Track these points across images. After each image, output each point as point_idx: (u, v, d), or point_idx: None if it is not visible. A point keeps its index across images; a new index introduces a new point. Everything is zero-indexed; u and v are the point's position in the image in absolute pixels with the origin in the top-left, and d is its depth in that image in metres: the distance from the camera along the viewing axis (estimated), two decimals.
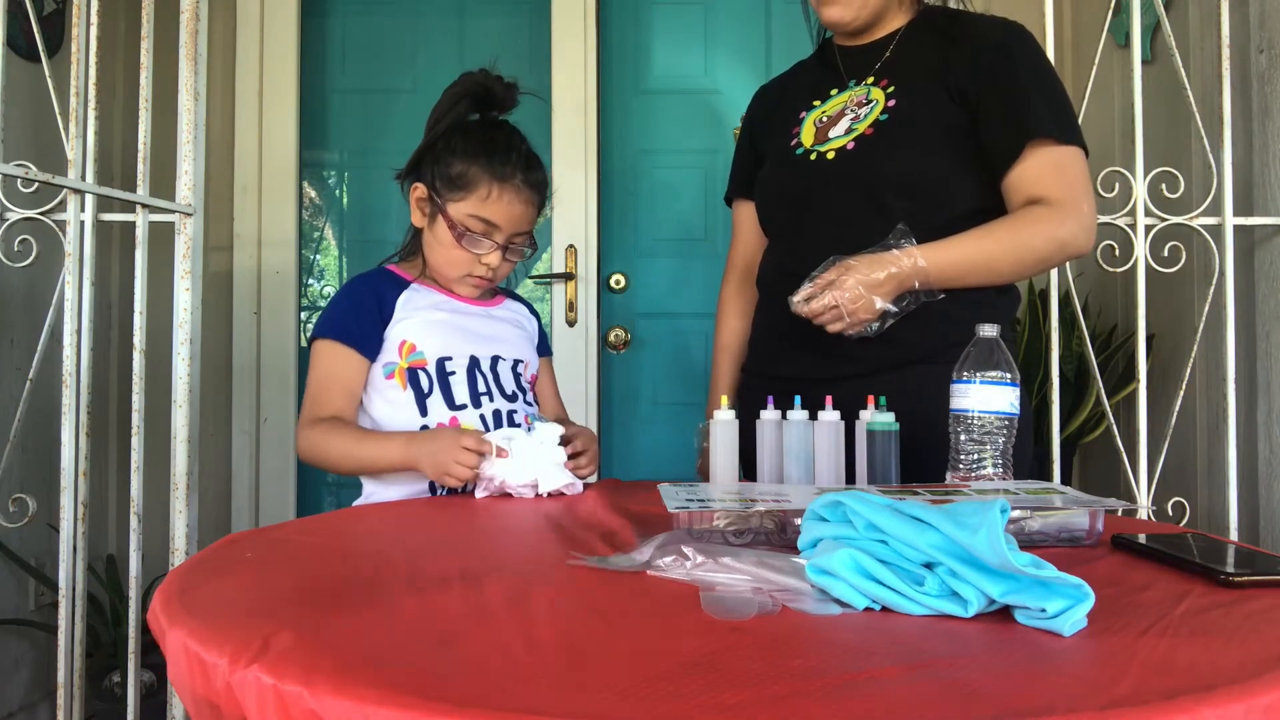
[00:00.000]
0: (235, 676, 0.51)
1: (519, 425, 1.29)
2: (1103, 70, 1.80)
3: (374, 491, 1.31)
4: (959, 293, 1.22)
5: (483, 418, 1.29)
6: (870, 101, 1.33)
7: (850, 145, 1.31)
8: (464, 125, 1.32)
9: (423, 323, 1.31)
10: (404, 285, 1.33)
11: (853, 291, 1.12)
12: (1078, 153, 1.26)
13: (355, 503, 1.31)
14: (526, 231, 1.33)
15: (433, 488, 1.27)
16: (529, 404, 1.36)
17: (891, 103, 1.31)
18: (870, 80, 1.35)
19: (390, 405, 1.29)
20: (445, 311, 1.33)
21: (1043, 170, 1.24)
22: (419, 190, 1.32)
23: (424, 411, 1.28)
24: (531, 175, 1.30)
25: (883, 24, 1.37)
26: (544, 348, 1.49)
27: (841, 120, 1.35)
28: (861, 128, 1.31)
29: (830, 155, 1.33)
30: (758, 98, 1.56)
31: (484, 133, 1.31)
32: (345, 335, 1.28)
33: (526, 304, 1.49)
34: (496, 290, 1.45)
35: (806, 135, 1.39)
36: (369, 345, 1.29)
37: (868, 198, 1.28)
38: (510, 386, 1.34)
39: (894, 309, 1.15)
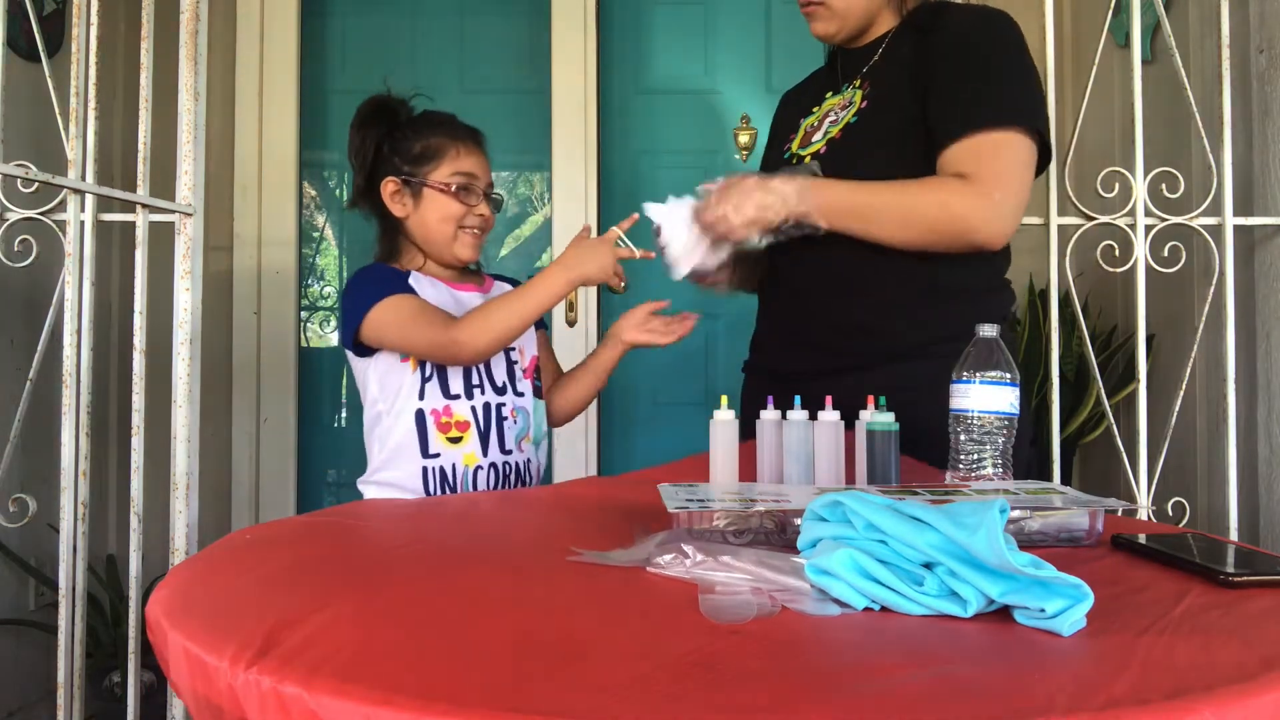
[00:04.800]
0: (236, 678, 0.51)
1: (505, 419, 1.36)
2: (1103, 70, 1.80)
3: (373, 491, 1.34)
4: (941, 286, 1.24)
5: (474, 409, 1.34)
6: (850, 104, 1.34)
7: (823, 150, 1.32)
8: (401, 123, 1.40)
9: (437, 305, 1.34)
10: (406, 274, 1.37)
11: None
12: (1014, 137, 1.20)
13: (362, 487, 1.35)
14: (492, 184, 1.42)
15: (426, 488, 1.30)
16: (519, 394, 1.39)
17: (864, 105, 1.31)
18: (857, 83, 1.36)
19: (395, 375, 1.33)
20: (447, 299, 1.37)
21: (965, 153, 1.20)
22: (391, 184, 1.37)
23: (421, 395, 1.32)
24: (476, 134, 1.42)
25: (875, 27, 1.37)
26: (540, 323, 1.50)
27: (824, 124, 1.36)
28: (834, 131, 1.33)
29: (806, 160, 1.34)
30: (779, 104, 1.57)
31: (423, 117, 1.41)
32: (397, 291, 1.32)
33: (514, 282, 1.52)
34: (484, 275, 1.49)
35: (797, 139, 1.41)
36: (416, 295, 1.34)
37: None
38: (501, 377, 1.38)
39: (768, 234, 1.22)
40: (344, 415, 2.83)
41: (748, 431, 1.16)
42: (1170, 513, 1.76)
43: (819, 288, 1.29)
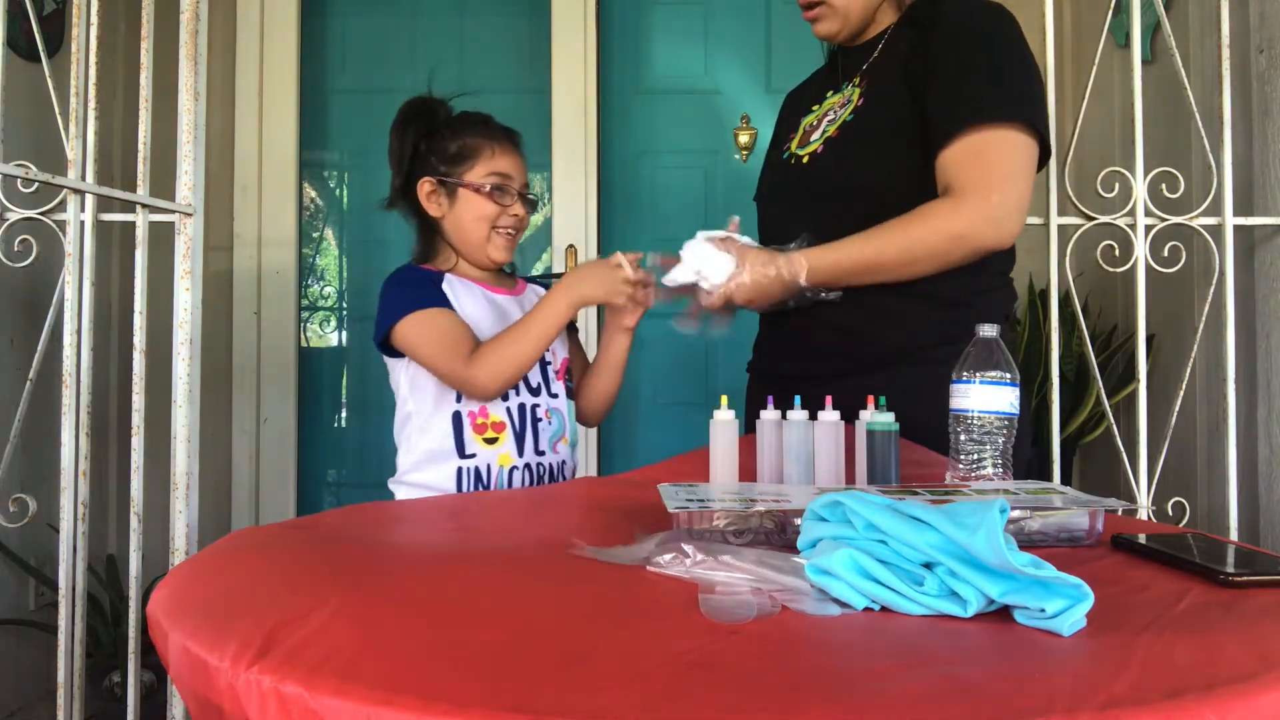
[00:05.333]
0: (236, 678, 0.51)
1: (540, 420, 1.37)
2: (1103, 70, 1.80)
3: (404, 491, 1.35)
4: (939, 289, 1.23)
5: (509, 410, 1.35)
6: (848, 103, 1.34)
7: (820, 149, 1.32)
8: (439, 124, 1.40)
9: (462, 312, 1.35)
10: (440, 276, 1.37)
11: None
12: (1010, 135, 1.18)
13: (394, 487, 1.37)
14: (527, 184, 1.43)
15: (460, 489, 1.31)
16: (552, 395, 1.40)
17: (861, 102, 1.31)
18: (857, 80, 1.35)
19: (427, 377, 1.33)
20: (482, 302, 1.38)
21: (961, 156, 1.19)
22: (427, 185, 1.37)
23: (459, 397, 1.33)
24: (512, 134, 1.43)
25: (876, 24, 1.36)
26: (570, 324, 1.51)
27: (822, 123, 1.36)
28: (831, 130, 1.32)
29: (805, 159, 1.34)
30: (783, 103, 1.57)
31: (459, 117, 1.41)
32: (432, 302, 1.32)
33: (544, 285, 1.53)
34: (517, 278, 1.50)
35: (796, 139, 1.41)
36: (449, 305, 1.34)
37: (828, 203, 1.27)
38: (535, 379, 1.38)
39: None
40: (344, 415, 2.83)
41: (751, 431, 1.16)
42: (1170, 513, 1.76)
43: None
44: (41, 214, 1.61)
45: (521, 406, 1.35)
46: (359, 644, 0.55)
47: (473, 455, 1.32)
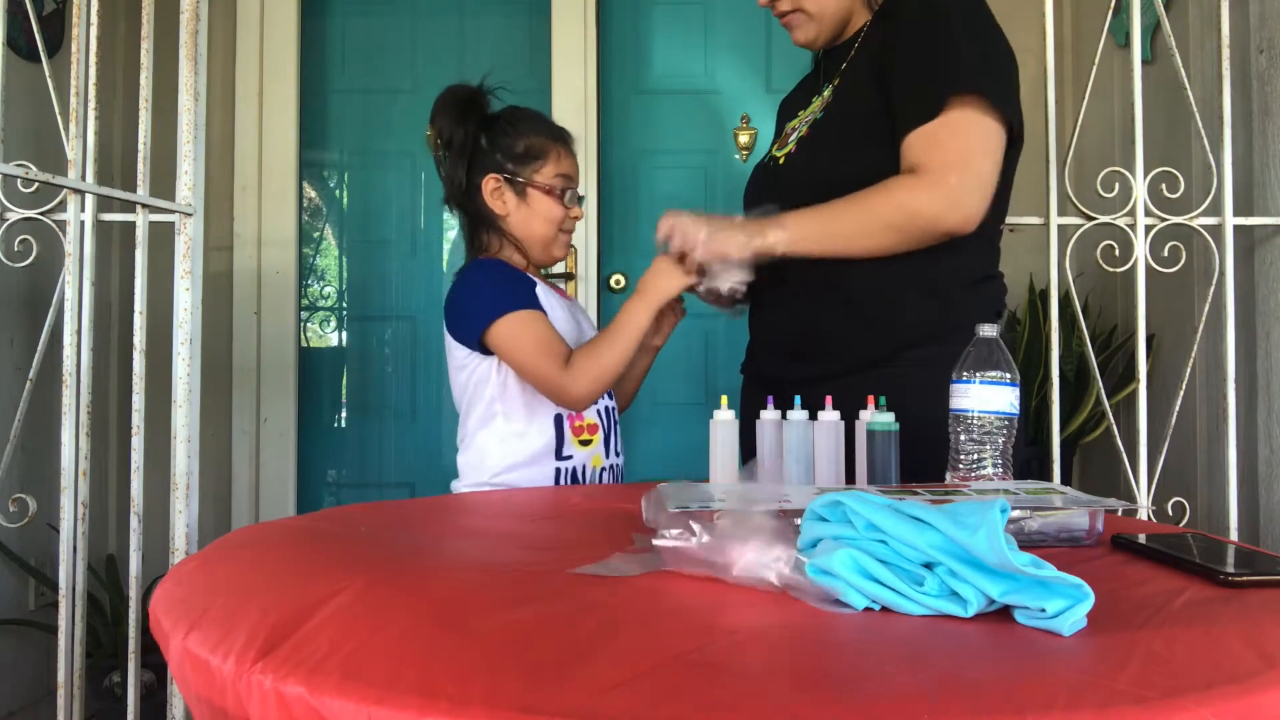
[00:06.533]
0: (239, 678, 0.51)
1: (617, 423, 1.40)
2: (1103, 70, 1.80)
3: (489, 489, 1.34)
4: (910, 287, 1.22)
5: (599, 413, 1.39)
6: (824, 104, 1.34)
7: (794, 149, 1.33)
8: (496, 118, 1.40)
9: (554, 320, 1.35)
10: (532, 282, 1.37)
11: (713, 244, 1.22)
12: (968, 114, 1.17)
13: (457, 484, 1.38)
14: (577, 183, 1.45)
15: (558, 476, 1.33)
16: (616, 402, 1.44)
17: (831, 99, 1.31)
18: (835, 81, 1.36)
19: (521, 384, 1.33)
20: (559, 308, 1.38)
21: (921, 139, 1.18)
22: (493, 181, 1.37)
23: None
24: (568, 134, 1.46)
25: (852, 25, 1.36)
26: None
27: (800, 125, 1.37)
28: (804, 130, 1.33)
29: (781, 160, 1.35)
30: (778, 111, 1.58)
31: (518, 114, 1.42)
32: (528, 303, 1.32)
33: (558, 289, 1.54)
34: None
35: (778, 143, 1.42)
36: (541, 308, 1.34)
37: (801, 198, 1.27)
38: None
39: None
40: (344, 415, 2.82)
41: (748, 431, 1.16)
42: (1170, 513, 1.76)
43: (792, 297, 1.29)
44: (41, 214, 1.61)
45: (607, 410, 1.40)
46: (360, 642, 0.55)
47: (569, 457, 1.34)
